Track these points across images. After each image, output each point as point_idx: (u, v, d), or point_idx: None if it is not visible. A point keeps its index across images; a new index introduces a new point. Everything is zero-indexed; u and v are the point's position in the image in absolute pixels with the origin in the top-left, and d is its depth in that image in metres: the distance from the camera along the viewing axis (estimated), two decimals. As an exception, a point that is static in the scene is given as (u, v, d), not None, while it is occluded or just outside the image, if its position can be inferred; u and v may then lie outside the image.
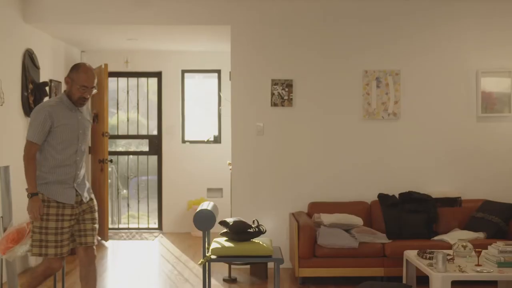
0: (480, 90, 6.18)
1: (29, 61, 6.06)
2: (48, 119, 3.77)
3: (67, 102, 3.88)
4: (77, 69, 3.85)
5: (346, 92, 6.24)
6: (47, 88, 6.28)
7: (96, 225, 4.02)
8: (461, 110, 6.24)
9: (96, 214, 4.05)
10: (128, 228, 8.54)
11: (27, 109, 5.96)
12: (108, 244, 7.46)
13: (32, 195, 3.83)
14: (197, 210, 4.32)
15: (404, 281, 5.00)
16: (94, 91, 3.91)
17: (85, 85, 3.82)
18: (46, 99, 6.41)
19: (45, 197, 3.83)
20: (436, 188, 6.16)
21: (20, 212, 5.76)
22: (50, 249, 3.83)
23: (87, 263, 3.99)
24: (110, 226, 8.26)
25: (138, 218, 8.64)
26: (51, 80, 6.76)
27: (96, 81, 3.91)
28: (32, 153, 3.85)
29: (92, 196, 4.09)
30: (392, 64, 6.22)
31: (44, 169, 3.85)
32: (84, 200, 3.97)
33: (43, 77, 6.48)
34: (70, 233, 3.92)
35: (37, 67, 6.28)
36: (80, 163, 3.96)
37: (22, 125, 5.96)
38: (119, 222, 8.69)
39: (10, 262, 4.95)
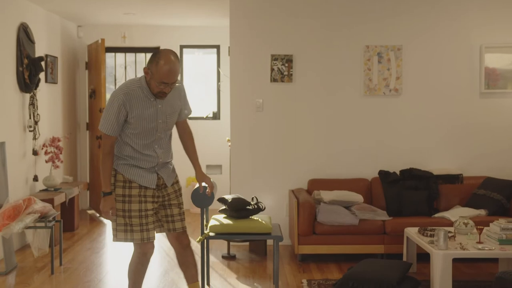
0: (484, 66, 6.09)
1: (24, 35, 5.95)
2: (123, 109, 3.34)
3: (146, 91, 3.38)
4: (158, 61, 3.27)
5: (347, 67, 6.14)
6: (42, 63, 6.17)
7: (183, 210, 3.70)
8: (464, 86, 6.15)
9: (182, 199, 3.72)
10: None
11: (22, 84, 5.86)
12: (107, 220, 7.43)
13: (104, 194, 3.47)
14: (195, 186, 4.26)
15: (404, 259, 4.97)
16: (176, 84, 3.42)
17: (165, 81, 3.30)
18: (41, 74, 6.32)
19: (126, 178, 3.49)
20: (438, 165, 6.10)
21: (16, 189, 5.72)
22: (135, 233, 3.48)
23: (181, 249, 3.70)
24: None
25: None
26: (46, 55, 6.66)
27: (177, 77, 3.35)
28: (108, 147, 3.43)
29: (177, 179, 3.75)
30: (394, 39, 6.11)
31: (124, 152, 3.49)
32: (168, 184, 3.62)
33: (39, 51, 6.38)
34: (156, 217, 3.60)
35: (32, 42, 6.16)
36: (159, 151, 3.54)
37: (17, 101, 5.87)
38: (117, 199, 8.63)
39: (7, 239, 4.92)
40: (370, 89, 6.12)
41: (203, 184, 3.78)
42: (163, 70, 3.26)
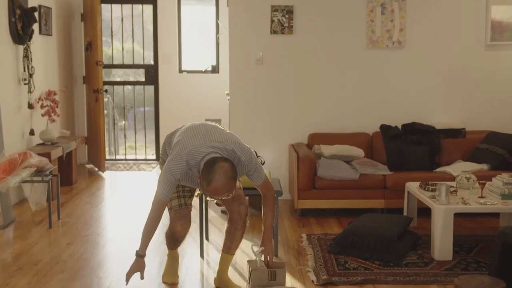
0: (490, 18, 5.92)
1: (16, -16, 5.75)
2: (178, 182, 3.25)
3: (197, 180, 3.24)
4: (207, 183, 3.05)
5: (349, 19, 5.97)
6: (36, 14, 6.00)
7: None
8: (469, 38, 6.00)
9: None
10: (126, 159, 8.45)
11: (15, 35, 5.71)
12: (105, 175, 7.40)
13: (138, 255, 3.32)
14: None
15: (404, 213, 4.94)
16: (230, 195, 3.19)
17: (213, 197, 3.17)
18: (35, 26, 6.15)
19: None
20: (440, 119, 6.02)
21: (12, 143, 5.64)
22: (173, 200, 3.51)
23: (234, 220, 3.55)
24: (107, 157, 8.18)
25: (136, 149, 8.54)
26: (40, 6, 6.46)
27: (231, 192, 3.13)
28: (157, 212, 3.28)
29: None
30: (398, -11, 5.93)
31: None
32: None
33: (32, 2, 6.19)
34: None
35: (24, -9, 5.97)
36: None
37: (10, 53, 5.73)
38: (116, 153, 8.60)
39: (3, 193, 4.87)
40: (373, 42, 5.97)
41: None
42: (210, 189, 3.05)
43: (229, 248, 3.64)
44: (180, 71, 8.26)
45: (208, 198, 3.26)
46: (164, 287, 3.66)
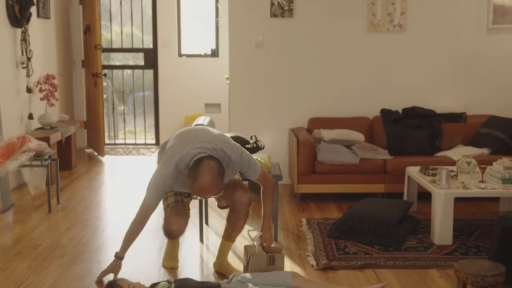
0: (492, 2, 5.86)
1: (13, -34, 5.68)
2: (168, 189, 3.29)
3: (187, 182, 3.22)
4: (193, 179, 3.05)
5: (349, 2, 5.91)
6: (34, -3, 5.94)
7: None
8: (471, 21, 5.94)
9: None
10: (125, 144, 8.43)
11: (13, 18, 5.64)
12: (105, 159, 7.38)
13: (116, 257, 3.41)
14: (192, 125, 4.14)
15: (405, 198, 4.93)
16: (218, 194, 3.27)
17: (198, 196, 3.21)
18: (33, 8, 6.09)
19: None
20: (441, 103, 5.99)
21: (11, 127, 5.62)
22: (169, 198, 3.49)
23: (237, 210, 3.51)
24: (107, 141, 8.16)
25: (135, 133, 8.51)
26: (38, -11, 6.40)
27: (218, 191, 3.17)
28: (142, 215, 3.33)
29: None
30: (399, -28, 5.86)
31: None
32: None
33: (30, -15, 6.12)
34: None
35: (22, -26, 5.90)
36: None
37: (8, 36, 5.68)
38: (115, 138, 8.57)
39: (2, 177, 4.86)
40: (374, 25, 5.92)
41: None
42: (196, 188, 3.06)
43: (230, 236, 3.63)
44: (180, 55, 8.21)
45: (195, 196, 3.23)
46: (164, 271, 3.66)
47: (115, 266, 3.42)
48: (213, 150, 3.16)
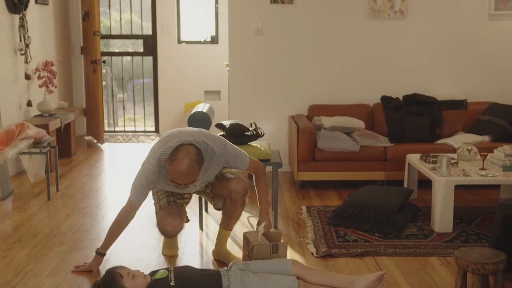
0: (494, -13, 5.82)
1: (11, -48, 5.63)
2: (151, 185, 3.29)
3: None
4: (170, 162, 3.04)
5: (350, -12, 5.87)
6: (32, -17, 5.89)
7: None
8: (473, 8, 5.90)
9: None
10: (125, 131, 8.41)
11: (10, 4, 5.60)
12: (104, 146, 7.36)
13: (98, 253, 3.40)
14: (192, 112, 4.13)
15: (405, 185, 4.92)
16: (194, 185, 3.22)
17: (174, 181, 3.08)
18: (31, -6, 6.04)
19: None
20: (442, 90, 5.95)
21: (9, 114, 5.59)
22: (161, 200, 3.46)
23: (233, 199, 3.48)
24: (106, 129, 8.14)
25: (135, 121, 8.49)
26: (36, -26, 6.35)
27: (194, 179, 3.08)
28: (125, 214, 3.34)
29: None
30: (401, -43, 5.81)
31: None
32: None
33: (27, -30, 6.06)
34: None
35: (19, -41, 5.84)
36: (195, 188, 3.41)
37: (6, 22, 5.63)
38: (115, 125, 8.55)
39: (1, 164, 4.84)
40: (374, 11, 5.87)
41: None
42: (172, 171, 3.03)
43: (227, 225, 3.61)
44: (179, 41, 8.16)
45: (175, 186, 3.15)
46: (163, 259, 3.66)
47: (96, 261, 3.41)
48: (195, 143, 3.14)
